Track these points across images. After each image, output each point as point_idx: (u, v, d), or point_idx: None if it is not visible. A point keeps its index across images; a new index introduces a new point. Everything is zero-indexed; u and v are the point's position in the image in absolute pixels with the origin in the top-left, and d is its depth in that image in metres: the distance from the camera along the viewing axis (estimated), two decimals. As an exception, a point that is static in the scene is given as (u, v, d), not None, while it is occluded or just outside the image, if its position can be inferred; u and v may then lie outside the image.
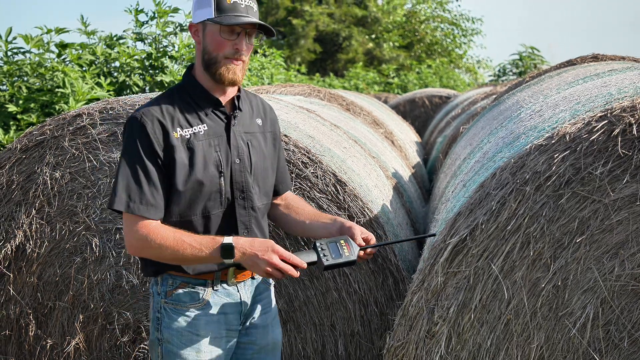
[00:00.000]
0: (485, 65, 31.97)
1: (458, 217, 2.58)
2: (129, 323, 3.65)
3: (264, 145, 2.77)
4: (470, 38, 32.66)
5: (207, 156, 2.58)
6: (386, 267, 3.49)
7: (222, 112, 2.65)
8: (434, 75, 25.70)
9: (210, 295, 2.64)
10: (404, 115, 15.51)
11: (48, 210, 3.64)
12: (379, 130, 6.76)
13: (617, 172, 2.41)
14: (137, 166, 2.48)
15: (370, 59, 30.58)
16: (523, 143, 2.79)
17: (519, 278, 2.52)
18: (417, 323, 2.63)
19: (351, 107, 6.74)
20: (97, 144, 3.58)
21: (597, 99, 2.80)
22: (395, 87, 24.11)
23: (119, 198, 2.47)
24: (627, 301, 2.46)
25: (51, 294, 3.70)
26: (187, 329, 2.61)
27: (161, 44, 7.62)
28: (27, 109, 6.43)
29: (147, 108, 2.56)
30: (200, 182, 2.56)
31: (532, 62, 18.84)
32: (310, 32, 28.77)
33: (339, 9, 30.35)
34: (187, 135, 2.55)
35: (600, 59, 5.25)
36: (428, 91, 16.81)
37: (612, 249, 2.45)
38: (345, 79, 24.48)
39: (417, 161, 7.98)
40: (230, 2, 2.52)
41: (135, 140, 2.50)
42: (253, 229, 2.70)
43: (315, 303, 3.53)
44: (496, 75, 20.34)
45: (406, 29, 32.25)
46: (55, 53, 7.03)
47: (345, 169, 3.75)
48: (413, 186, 6.09)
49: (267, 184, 2.79)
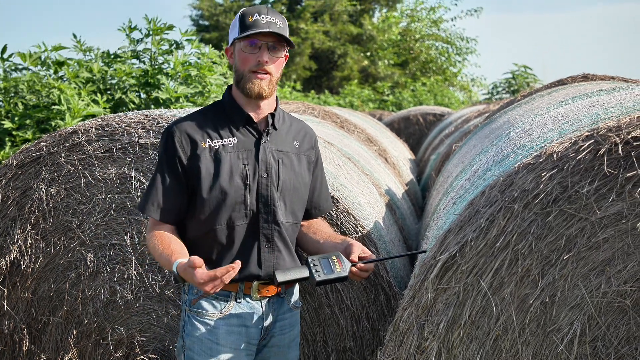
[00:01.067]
0: (480, 84, 32.17)
1: (448, 234, 2.62)
2: (123, 338, 3.67)
3: (297, 166, 2.86)
4: (465, 57, 32.88)
5: (234, 167, 2.70)
6: (378, 284, 3.53)
7: (255, 128, 2.78)
8: (429, 93, 25.86)
9: (233, 307, 2.73)
10: (399, 132, 15.59)
11: (43, 225, 3.67)
12: (373, 147, 6.81)
13: (603, 191, 2.45)
14: (159, 173, 2.72)
15: (366, 76, 30.75)
16: (512, 161, 2.84)
17: (507, 294, 2.56)
18: (408, 339, 2.66)
19: (345, 124, 6.79)
20: (92, 160, 3.62)
21: (585, 119, 2.85)
22: (390, 104, 24.25)
23: (142, 200, 2.76)
24: (613, 318, 2.50)
25: (45, 309, 3.72)
26: (208, 337, 2.70)
27: (157, 62, 7.68)
28: (22, 125, 6.48)
29: (180, 121, 2.75)
30: (225, 192, 2.68)
31: (525, 81, 18.99)
32: (305, 50, 28.95)
33: (335, 27, 30.56)
34: (215, 146, 2.71)
35: (591, 78, 5.32)
36: (422, 109, 16.90)
37: (599, 266, 2.49)
38: (341, 96, 24.61)
39: (411, 178, 8.03)
40: (251, 20, 2.69)
41: (162, 150, 2.73)
42: (275, 242, 2.79)
43: (308, 319, 3.56)
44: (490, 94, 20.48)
45: (401, 47, 32.45)
46: (52, 70, 7.08)
47: (338, 186, 3.79)
48: (406, 203, 6.13)
49: (296, 203, 2.86)
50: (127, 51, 7.61)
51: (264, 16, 2.70)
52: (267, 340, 2.82)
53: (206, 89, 7.41)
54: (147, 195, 2.73)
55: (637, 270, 2.47)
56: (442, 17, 33.29)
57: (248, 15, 2.70)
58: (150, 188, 2.73)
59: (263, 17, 2.69)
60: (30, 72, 6.90)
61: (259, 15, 2.69)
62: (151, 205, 2.70)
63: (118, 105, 7.25)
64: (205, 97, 7.29)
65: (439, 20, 33.16)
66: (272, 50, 2.71)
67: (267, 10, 2.72)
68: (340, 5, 30.77)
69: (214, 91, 7.30)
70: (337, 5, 30.75)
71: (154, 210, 2.70)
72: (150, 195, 2.71)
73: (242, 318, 2.74)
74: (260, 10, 2.71)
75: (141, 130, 3.58)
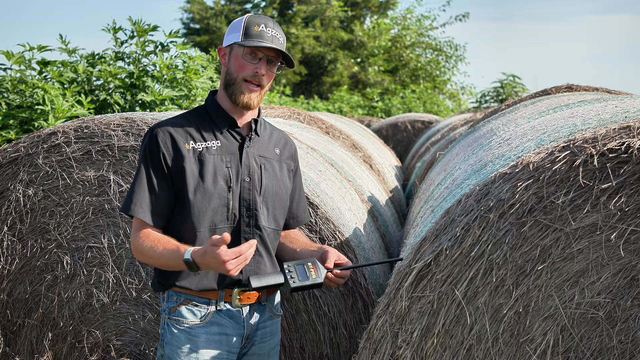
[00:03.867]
0: (470, 92, 32.25)
1: (423, 242, 2.62)
2: (98, 342, 3.64)
3: (279, 172, 2.87)
4: (455, 64, 32.97)
5: (218, 170, 2.69)
6: (356, 291, 3.52)
7: (238, 133, 2.78)
8: (418, 100, 25.91)
9: (213, 314, 2.70)
10: (387, 139, 15.61)
11: (20, 227, 3.64)
12: (358, 154, 6.81)
13: (578, 202, 2.45)
14: (144, 174, 2.67)
15: (355, 82, 30.79)
16: (489, 171, 2.84)
17: (481, 304, 2.55)
18: (381, 347, 2.65)
19: (330, 130, 6.79)
20: (71, 162, 3.59)
21: (563, 130, 2.86)
22: (379, 111, 24.27)
23: (125, 201, 2.68)
24: (586, 329, 2.50)
25: (20, 312, 3.69)
26: (188, 345, 2.67)
27: (141, 63, 7.64)
28: (5, 125, 6.43)
29: (164, 123, 2.73)
30: (209, 194, 2.66)
31: (514, 90, 19.06)
32: (296, 55, 28.95)
33: (325, 33, 30.59)
34: (199, 148, 2.69)
35: (575, 89, 5.34)
36: (411, 116, 16.93)
37: (573, 277, 2.49)
38: (330, 101, 24.62)
39: (395, 185, 8.03)
40: (257, 30, 2.69)
41: (145, 150, 2.68)
42: (257, 247, 2.76)
43: (285, 325, 3.54)
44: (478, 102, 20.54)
45: (391, 53, 32.52)
46: (37, 70, 7.04)
47: (318, 192, 3.78)
48: (389, 210, 6.13)
49: (278, 209, 2.86)
50: (111, 53, 7.59)
51: (270, 29, 2.70)
52: (247, 348, 2.80)
53: (192, 92, 7.38)
54: (131, 196, 2.66)
55: (610, 282, 2.47)
56: (432, 25, 33.37)
57: (254, 24, 2.69)
58: (134, 189, 2.66)
59: (269, 30, 2.70)
60: (14, 71, 6.85)
61: (266, 28, 2.70)
62: (138, 207, 2.64)
63: (103, 106, 7.22)
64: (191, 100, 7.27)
65: (429, 28, 33.24)
66: (270, 64, 2.72)
67: (273, 24, 2.73)
68: (331, 11, 30.81)
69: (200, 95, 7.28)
70: (328, 10, 30.79)
71: (143, 212, 2.64)
72: (135, 196, 2.64)
73: (222, 326, 2.71)
74: (267, 23, 2.72)
75: (120, 133, 3.56)
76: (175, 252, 2.52)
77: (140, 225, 2.66)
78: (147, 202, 2.64)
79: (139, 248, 2.63)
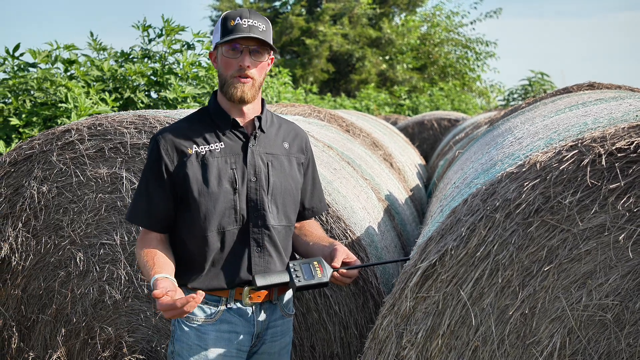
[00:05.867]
0: (499, 90, 31.96)
1: (429, 242, 2.59)
2: (111, 338, 3.66)
3: (288, 168, 2.84)
4: (484, 61, 32.70)
5: (222, 172, 2.69)
6: (367, 290, 3.50)
7: (241, 132, 2.76)
8: (446, 98, 25.73)
9: (224, 312, 2.70)
10: (412, 137, 15.53)
11: (34, 223, 3.68)
12: (378, 152, 6.77)
13: (586, 202, 2.41)
14: (147, 183, 2.70)
15: (383, 80, 30.68)
16: (498, 170, 2.80)
17: (487, 305, 2.52)
18: (386, 347, 2.63)
19: (351, 128, 6.76)
20: (84, 159, 3.62)
21: (573, 129, 2.81)
22: (406, 108, 24.16)
23: (130, 209, 2.76)
24: (594, 332, 2.46)
25: (35, 307, 3.73)
26: (197, 342, 2.68)
27: (167, 61, 7.70)
28: (29, 122, 6.51)
29: (167, 129, 2.74)
30: (214, 197, 2.66)
31: (542, 88, 18.84)
32: (323, 52, 28.92)
33: (353, 30, 30.51)
34: (202, 152, 2.69)
35: (597, 87, 5.26)
36: (437, 114, 16.82)
37: (580, 279, 2.45)
38: (357, 99, 24.56)
39: (417, 184, 7.98)
40: (233, 25, 2.67)
41: (148, 159, 2.71)
42: (266, 246, 2.76)
43: (296, 324, 3.53)
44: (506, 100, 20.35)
45: (420, 51, 32.34)
46: (63, 68, 7.12)
47: (330, 191, 3.76)
48: (409, 209, 6.09)
49: (288, 206, 2.84)
50: (138, 50, 7.65)
51: (245, 20, 2.67)
52: (257, 347, 2.80)
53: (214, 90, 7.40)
54: (134, 204, 2.73)
55: (619, 284, 2.42)
56: (461, 22, 33.13)
57: (230, 19, 2.67)
58: (137, 197, 2.73)
59: (245, 20, 2.67)
60: (40, 69, 6.93)
61: (241, 19, 2.67)
62: (140, 215, 2.70)
63: (127, 104, 7.28)
64: (213, 97, 7.28)
65: (459, 25, 33.00)
66: (254, 54, 2.68)
67: (249, 14, 2.70)
68: (359, 8, 30.72)
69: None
70: (357, 8, 30.70)
71: (143, 219, 2.70)
72: (137, 205, 2.72)
73: (232, 324, 2.71)
74: (242, 14, 2.69)
75: (133, 131, 3.58)
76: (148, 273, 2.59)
77: (144, 231, 2.73)
78: (146, 210, 2.69)
79: (136, 253, 2.74)
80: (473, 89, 32.48)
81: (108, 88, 7.14)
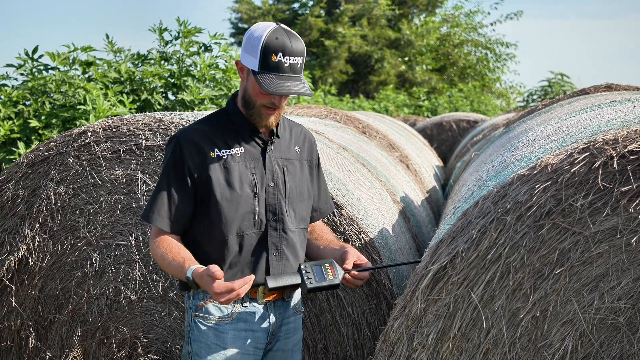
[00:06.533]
0: (519, 92, 31.77)
1: (440, 244, 2.59)
2: (126, 338, 3.69)
3: (300, 172, 2.87)
4: (504, 63, 32.53)
5: (243, 177, 2.70)
6: (380, 292, 3.50)
7: (260, 138, 2.77)
8: (465, 99, 25.62)
9: (240, 310, 2.73)
10: (431, 138, 15.48)
11: (51, 224, 3.71)
12: (394, 153, 6.77)
13: (597, 205, 2.40)
14: (166, 183, 2.69)
15: (402, 81, 30.62)
16: (510, 172, 2.79)
17: (498, 307, 2.51)
18: (397, 349, 2.63)
19: (367, 129, 6.77)
20: (100, 161, 3.65)
21: (586, 131, 2.79)
22: (425, 110, 24.09)
23: (146, 209, 2.72)
24: (606, 335, 2.44)
25: (51, 307, 3.77)
26: (215, 342, 2.70)
27: (184, 63, 7.74)
28: (49, 124, 6.57)
29: (187, 130, 2.73)
30: (236, 201, 2.68)
31: (562, 89, 18.71)
32: (342, 54, 28.93)
33: (372, 31, 30.48)
34: (224, 156, 2.70)
35: (614, 88, 5.22)
36: (456, 115, 16.76)
37: (592, 282, 2.44)
38: (376, 100, 24.53)
39: (433, 186, 7.96)
40: (275, 60, 2.57)
41: (170, 159, 2.69)
42: (284, 250, 2.79)
43: (309, 325, 3.54)
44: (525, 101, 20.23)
45: (439, 52, 32.25)
46: (81, 70, 7.18)
47: (344, 192, 3.77)
48: (425, 211, 6.08)
49: (303, 210, 2.87)
50: (155, 53, 7.70)
51: (288, 57, 2.57)
52: (272, 344, 2.83)
53: (231, 92, 7.43)
54: (152, 204, 2.69)
55: (631, 287, 2.41)
56: (481, 23, 32.97)
57: (272, 53, 2.56)
58: (156, 197, 2.70)
59: (287, 59, 2.57)
60: (58, 72, 7.00)
61: (284, 56, 2.57)
62: (157, 215, 2.67)
63: (144, 106, 7.33)
64: (230, 99, 7.31)
65: (479, 25, 32.84)
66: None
67: (291, 45, 2.59)
68: (378, 9, 30.68)
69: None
70: (376, 9, 30.67)
71: (161, 220, 2.68)
72: (156, 205, 2.68)
73: (248, 322, 2.74)
74: (285, 47, 2.58)
75: (148, 133, 3.61)
76: (180, 267, 2.58)
77: (159, 232, 2.71)
78: (166, 210, 2.67)
79: (153, 253, 2.71)
80: (493, 90, 32.32)
81: (126, 90, 7.19)
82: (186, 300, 2.81)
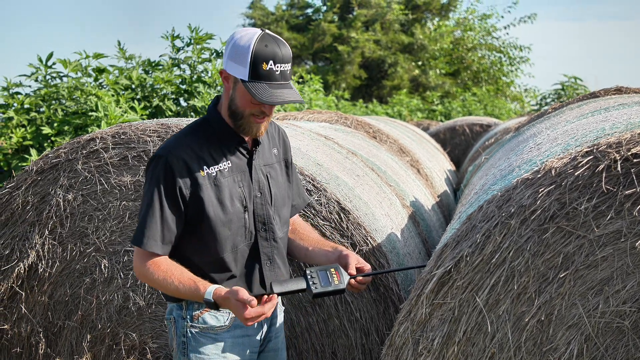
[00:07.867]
0: (533, 95, 31.63)
1: (445, 248, 2.59)
2: (135, 344, 3.71)
3: (280, 174, 2.86)
4: (518, 66, 32.41)
5: (233, 192, 2.66)
6: (388, 297, 3.50)
7: (245, 148, 2.72)
8: (479, 103, 25.54)
9: (235, 318, 2.71)
10: (444, 142, 15.44)
11: (60, 231, 3.74)
12: (405, 158, 6.76)
13: (601, 208, 2.39)
14: (158, 205, 2.57)
15: (416, 85, 30.58)
16: (514, 176, 2.79)
17: (503, 312, 2.51)
18: (403, 354, 2.63)
19: (377, 134, 6.76)
20: (108, 167, 3.68)
21: (590, 134, 2.78)
22: (438, 114, 24.04)
23: (137, 234, 2.59)
24: (612, 339, 2.43)
25: (61, 313, 3.79)
26: (215, 351, 2.70)
27: (196, 70, 7.79)
28: (61, 131, 6.62)
29: (173, 147, 2.62)
30: (229, 218, 2.64)
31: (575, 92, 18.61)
32: (355, 59, 28.94)
33: (386, 36, 30.48)
34: (213, 173, 2.63)
35: (624, 91, 5.19)
36: (469, 119, 16.71)
37: (597, 285, 2.43)
38: (389, 105, 24.51)
39: (444, 190, 7.94)
40: (266, 69, 2.51)
41: (159, 179, 2.57)
42: (275, 259, 2.80)
43: (317, 330, 3.55)
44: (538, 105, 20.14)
45: (453, 56, 32.19)
46: (93, 77, 7.24)
47: (352, 197, 3.77)
48: (436, 215, 6.07)
49: (286, 213, 2.87)
50: (167, 60, 7.74)
51: (278, 65, 2.53)
52: (264, 345, 2.85)
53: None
54: (144, 228, 2.57)
55: (636, 291, 2.40)
56: (495, 26, 32.86)
57: (262, 60, 2.50)
58: (146, 220, 2.57)
59: (278, 66, 2.52)
60: (70, 79, 7.05)
61: (274, 64, 2.51)
62: (152, 240, 2.57)
63: (156, 113, 7.37)
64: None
65: (492, 29, 32.75)
66: None
67: (281, 52, 2.54)
68: (391, 14, 30.68)
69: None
70: (389, 14, 30.67)
71: (155, 245, 2.58)
72: (149, 229, 2.57)
73: (244, 328, 2.74)
74: (275, 54, 2.53)
75: (156, 139, 3.63)
76: (193, 289, 2.52)
77: (149, 255, 2.60)
78: (159, 234, 2.57)
79: (148, 278, 2.61)
80: (507, 94, 32.20)
81: (137, 97, 7.23)
82: (171, 312, 2.74)
